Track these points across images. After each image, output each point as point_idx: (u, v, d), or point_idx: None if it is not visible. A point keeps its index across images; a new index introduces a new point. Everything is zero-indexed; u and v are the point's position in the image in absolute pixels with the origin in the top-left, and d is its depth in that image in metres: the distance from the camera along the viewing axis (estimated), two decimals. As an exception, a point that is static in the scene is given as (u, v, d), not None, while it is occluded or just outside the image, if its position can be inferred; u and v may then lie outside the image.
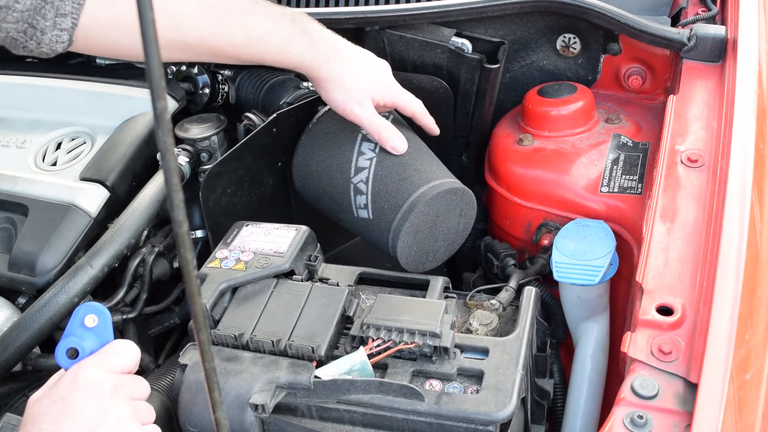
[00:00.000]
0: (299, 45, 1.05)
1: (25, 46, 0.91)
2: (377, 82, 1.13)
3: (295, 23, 1.05)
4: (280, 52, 1.05)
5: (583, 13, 1.25)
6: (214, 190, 1.16)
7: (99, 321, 0.78)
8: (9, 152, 1.24)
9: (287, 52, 1.05)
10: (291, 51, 1.05)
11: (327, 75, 1.09)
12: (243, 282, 1.01)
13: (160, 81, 0.44)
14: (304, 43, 1.06)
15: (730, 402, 0.73)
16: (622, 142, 1.23)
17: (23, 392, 0.99)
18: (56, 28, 0.88)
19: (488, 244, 1.28)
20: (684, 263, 0.90)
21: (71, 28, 0.90)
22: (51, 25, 0.88)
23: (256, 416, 0.88)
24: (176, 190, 0.46)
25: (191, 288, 0.50)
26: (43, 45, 0.90)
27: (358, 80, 1.10)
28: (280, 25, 1.04)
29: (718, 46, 1.21)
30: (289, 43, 1.05)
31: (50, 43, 0.90)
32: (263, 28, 1.03)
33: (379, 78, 1.13)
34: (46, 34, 0.88)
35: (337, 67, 1.09)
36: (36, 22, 0.87)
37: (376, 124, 1.11)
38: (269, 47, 1.04)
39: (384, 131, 1.11)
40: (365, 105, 1.11)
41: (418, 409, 0.85)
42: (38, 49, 0.91)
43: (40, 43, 0.89)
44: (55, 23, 0.88)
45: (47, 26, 0.88)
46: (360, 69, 1.11)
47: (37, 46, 0.90)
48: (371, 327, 0.91)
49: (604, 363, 1.16)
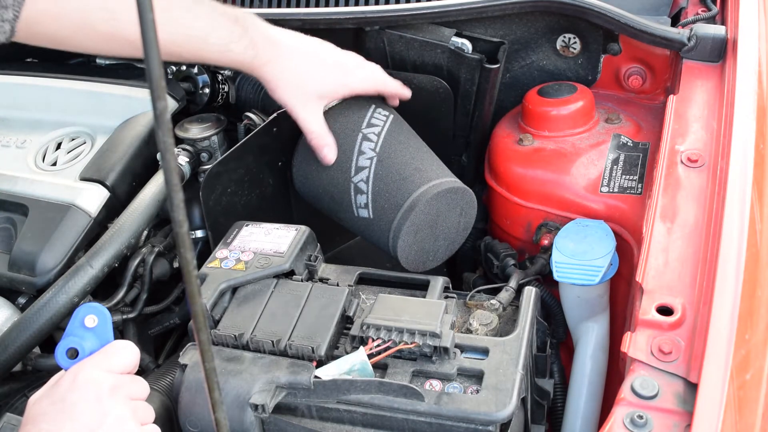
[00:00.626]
0: (239, 44, 1.05)
1: None
2: (325, 79, 1.11)
3: (237, 23, 1.05)
4: (220, 50, 1.05)
5: (583, 13, 1.25)
6: (214, 190, 1.16)
7: (99, 321, 0.78)
8: (9, 152, 1.24)
9: (227, 51, 1.05)
10: (231, 50, 1.05)
11: (267, 75, 1.09)
12: (243, 282, 1.01)
13: (160, 81, 0.44)
14: (244, 42, 1.06)
15: (730, 402, 0.73)
16: (622, 142, 1.23)
17: (23, 392, 0.99)
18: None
19: (488, 244, 1.28)
20: (684, 263, 0.90)
21: (13, 19, 0.91)
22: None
23: (256, 416, 0.88)
24: (176, 190, 0.47)
25: (191, 288, 0.50)
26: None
27: (300, 80, 1.10)
28: (220, 25, 1.04)
29: (718, 46, 1.21)
30: (228, 42, 1.04)
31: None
32: (203, 26, 1.03)
33: (330, 74, 1.12)
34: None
35: (278, 66, 1.08)
36: None
37: (311, 130, 1.11)
38: (209, 46, 1.04)
39: (317, 138, 1.11)
40: (308, 105, 1.11)
41: (418, 409, 0.85)
42: None
43: None
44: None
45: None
46: (304, 69, 1.10)
47: None
48: (371, 327, 0.91)
49: (604, 363, 1.16)
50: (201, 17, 1.02)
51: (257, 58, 1.07)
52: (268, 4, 1.39)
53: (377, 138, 1.14)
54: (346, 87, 1.13)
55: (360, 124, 1.16)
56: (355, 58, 1.17)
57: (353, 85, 1.13)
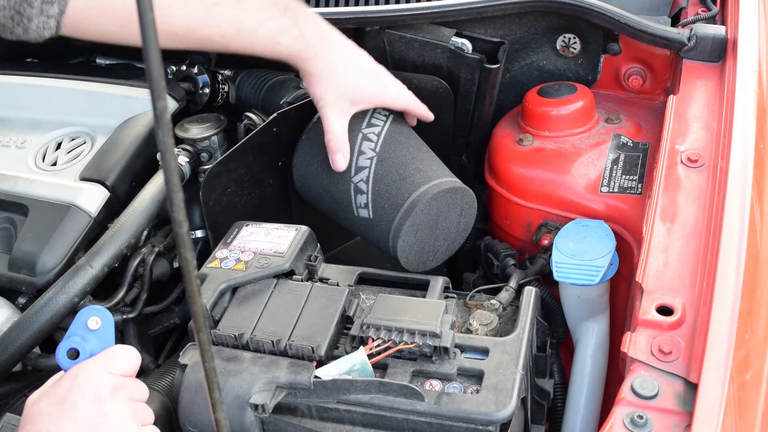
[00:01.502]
0: (288, 36, 1.04)
1: (12, 32, 0.92)
2: (363, 86, 1.12)
3: (286, 14, 1.04)
4: (270, 43, 1.04)
5: (583, 13, 1.25)
6: (214, 190, 1.16)
7: (102, 324, 0.78)
8: (9, 152, 1.24)
9: (277, 44, 1.04)
10: (280, 42, 1.04)
11: (311, 69, 1.09)
12: (243, 282, 1.01)
13: (160, 81, 0.44)
14: (294, 34, 1.05)
15: (730, 402, 0.73)
16: (622, 142, 1.23)
17: (23, 392, 0.99)
18: (43, 14, 0.89)
19: (488, 244, 1.28)
20: (684, 263, 0.90)
21: (58, 14, 0.91)
22: (38, 12, 0.89)
23: (256, 416, 0.88)
24: (176, 190, 0.47)
25: (191, 288, 0.50)
26: (30, 31, 0.91)
27: (340, 80, 1.09)
28: (270, 16, 1.03)
29: (718, 46, 1.21)
30: (278, 34, 1.04)
31: (37, 29, 0.91)
32: (253, 18, 1.02)
33: (368, 83, 1.12)
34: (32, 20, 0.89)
35: (322, 61, 1.08)
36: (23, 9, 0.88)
37: (332, 131, 1.10)
38: (259, 38, 1.03)
39: (334, 141, 1.10)
40: (337, 106, 1.10)
41: (418, 409, 0.85)
42: (25, 35, 0.92)
43: (27, 29, 0.90)
44: (42, 10, 0.89)
45: (34, 13, 0.89)
46: (346, 71, 1.10)
47: (24, 32, 0.91)
48: (371, 327, 0.91)
49: (604, 363, 1.16)
50: (251, 9, 1.01)
51: (305, 51, 1.06)
52: (268, 4, 1.38)
53: (377, 138, 1.14)
54: (380, 98, 1.13)
55: (360, 124, 1.16)
56: (390, 75, 1.17)
57: (386, 98, 1.13)
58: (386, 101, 1.14)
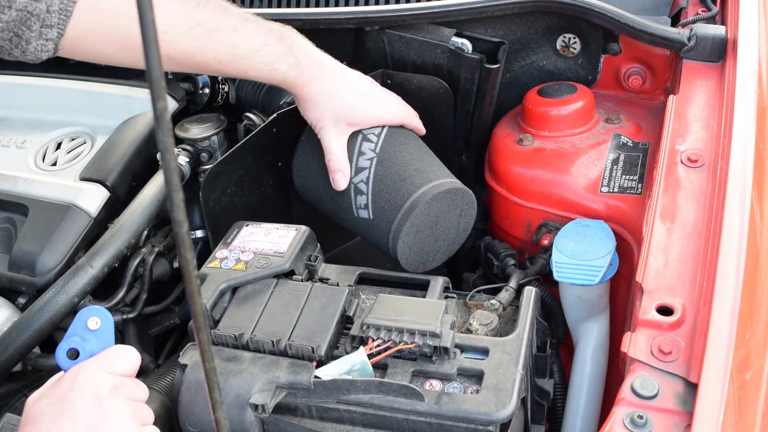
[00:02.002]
0: (284, 63, 1.07)
1: (10, 53, 0.92)
2: (358, 108, 1.13)
3: (282, 41, 1.06)
4: (265, 69, 1.06)
5: (583, 13, 1.25)
6: (214, 190, 1.16)
7: (102, 324, 0.79)
8: (9, 152, 1.24)
9: (272, 70, 1.06)
10: (276, 69, 1.06)
11: (306, 95, 1.11)
12: (243, 282, 1.01)
13: (160, 81, 0.44)
14: (289, 61, 1.07)
15: (730, 402, 0.73)
16: (622, 142, 1.23)
17: (23, 392, 0.99)
18: (41, 38, 0.90)
19: (488, 244, 1.28)
20: (684, 263, 0.90)
21: (57, 38, 0.91)
22: (36, 35, 0.89)
23: (256, 416, 0.88)
24: (176, 190, 0.46)
25: (191, 288, 0.50)
26: (28, 53, 0.91)
27: (335, 104, 1.11)
28: (266, 43, 1.05)
29: (718, 46, 1.21)
30: (274, 61, 1.06)
31: (35, 52, 0.91)
32: (250, 45, 1.03)
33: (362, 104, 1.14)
34: (31, 43, 0.89)
35: (317, 88, 1.10)
36: (21, 32, 0.88)
37: (331, 151, 1.12)
38: (254, 64, 1.05)
39: (334, 161, 1.12)
40: (335, 128, 1.12)
41: (418, 409, 0.85)
42: (23, 57, 0.92)
43: (25, 51, 0.91)
44: (41, 33, 0.89)
45: (32, 36, 0.89)
46: (340, 94, 1.12)
47: (22, 53, 0.91)
48: (371, 327, 0.91)
49: (604, 363, 1.16)
50: (248, 37, 1.03)
51: (299, 77, 1.09)
52: (268, 4, 1.39)
53: (377, 139, 1.14)
54: (376, 118, 1.15)
55: (360, 124, 1.16)
56: (385, 92, 1.19)
57: (383, 117, 1.15)
58: (383, 119, 1.15)
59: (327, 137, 1.13)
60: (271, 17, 1.29)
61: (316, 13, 1.30)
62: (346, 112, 1.12)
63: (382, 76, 1.32)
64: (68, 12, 0.90)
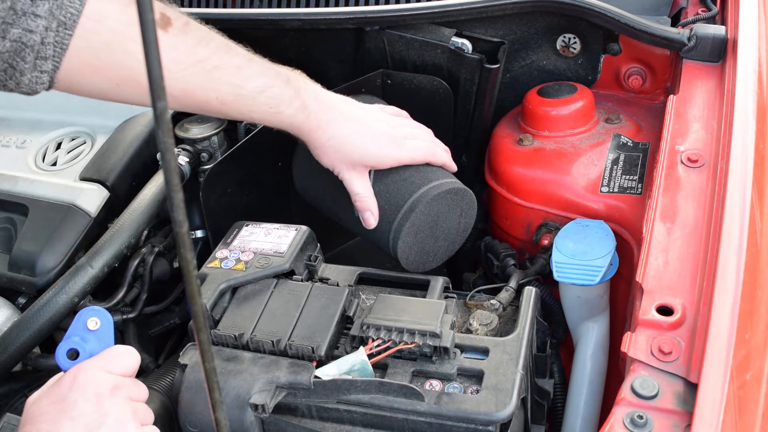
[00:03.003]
0: (290, 107, 1.01)
1: (5, 85, 0.90)
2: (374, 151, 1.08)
3: (289, 84, 1.01)
4: (270, 111, 1.01)
5: (583, 13, 1.25)
6: (215, 190, 1.16)
7: (102, 325, 0.79)
8: (9, 152, 1.24)
9: (277, 113, 1.01)
10: (282, 112, 1.01)
11: (315, 141, 1.06)
12: (243, 282, 1.01)
13: (160, 81, 0.44)
14: (295, 105, 1.02)
15: (730, 402, 0.73)
16: (622, 142, 1.23)
17: (23, 392, 0.99)
18: (36, 69, 0.87)
19: (488, 244, 1.28)
20: (684, 263, 0.90)
21: (52, 70, 0.89)
22: (30, 67, 0.87)
23: (256, 416, 0.88)
24: (176, 190, 0.46)
25: (191, 288, 0.50)
26: (23, 85, 0.89)
27: (348, 149, 1.06)
28: (272, 85, 1.00)
29: (718, 46, 1.21)
30: (279, 104, 1.01)
31: (29, 84, 0.89)
32: (254, 86, 0.98)
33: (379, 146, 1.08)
34: (25, 75, 0.87)
35: (326, 133, 1.05)
36: (15, 63, 0.86)
37: (355, 192, 1.08)
38: (259, 106, 1.00)
39: (360, 201, 1.09)
40: (354, 170, 1.08)
41: (418, 409, 0.85)
42: (18, 89, 0.90)
43: (19, 83, 0.88)
44: (35, 65, 0.87)
45: (26, 68, 0.87)
46: (353, 139, 1.06)
47: (16, 85, 0.89)
48: (371, 327, 0.91)
49: (604, 363, 1.16)
50: (252, 77, 0.98)
51: (307, 122, 1.04)
52: (268, 4, 1.39)
53: (377, 138, 1.14)
54: (395, 159, 1.09)
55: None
56: (407, 127, 1.14)
57: (401, 157, 1.10)
58: (403, 160, 1.10)
59: (347, 180, 1.08)
60: (272, 17, 1.29)
61: (316, 13, 1.30)
62: (360, 156, 1.07)
63: (382, 76, 1.32)
64: (64, 45, 0.87)
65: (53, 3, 0.85)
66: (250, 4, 1.40)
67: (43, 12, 0.85)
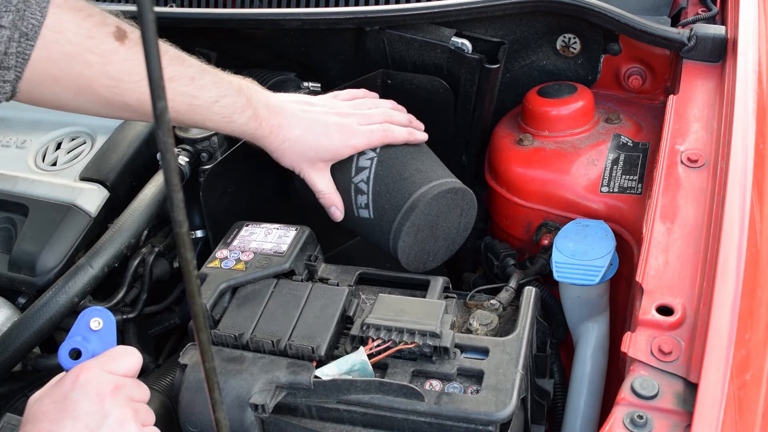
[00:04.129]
0: (243, 116, 1.05)
1: None
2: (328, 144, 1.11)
3: (240, 93, 1.05)
4: (223, 120, 1.04)
5: (583, 13, 1.25)
6: (215, 190, 1.16)
7: (104, 325, 0.79)
8: (9, 152, 1.24)
9: (230, 122, 1.05)
10: (234, 121, 1.05)
11: (270, 146, 1.10)
12: (243, 282, 1.01)
13: (160, 81, 0.44)
14: (247, 114, 1.05)
15: (730, 402, 0.73)
16: (622, 142, 1.23)
17: (23, 392, 0.99)
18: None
19: (488, 244, 1.28)
20: (684, 263, 0.90)
21: (14, 80, 0.90)
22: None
23: (256, 416, 0.88)
24: (176, 190, 0.46)
25: (191, 288, 0.50)
26: None
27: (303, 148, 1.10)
28: (224, 94, 1.03)
29: (718, 46, 1.21)
30: (232, 113, 1.04)
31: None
32: (207, 96, 1.02)
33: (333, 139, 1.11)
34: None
35: (279, 137, 1.09)
36: None
37: (319, 189, 1.13)
38: (212, 115, 1.03)
39: (325, 198, 1.13)
40: (314, 167, 1.12)
41: (418, 409, 0.85)
42: None
43: None
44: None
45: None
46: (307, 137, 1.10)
47: None
48: (371, 327, 0.91)
49: (604, 363, 1.16)
50: (205, 87, 1.02)
51: (260, 129, 1.08)
52: (268, 4, 1.39)
53: (377, 138, 1.14)
54: (350, 147, 1.13)
55: (360, 124, 1.15)
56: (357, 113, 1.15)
57: (357, 144, 1.13)
58: (359, 147, 1.13)
59: (309, 178, 1.13)
60: (272, 17, 1.29)
61: (316, 13, 1.30)
62: (316, 152, 1.11)
63: (382, 76, 1.32)
64: (26, 55, 0.89)
65: (16, 14, 0.86)
66: (250, 4, 1.40)
67: (7, 23, 0.86)
